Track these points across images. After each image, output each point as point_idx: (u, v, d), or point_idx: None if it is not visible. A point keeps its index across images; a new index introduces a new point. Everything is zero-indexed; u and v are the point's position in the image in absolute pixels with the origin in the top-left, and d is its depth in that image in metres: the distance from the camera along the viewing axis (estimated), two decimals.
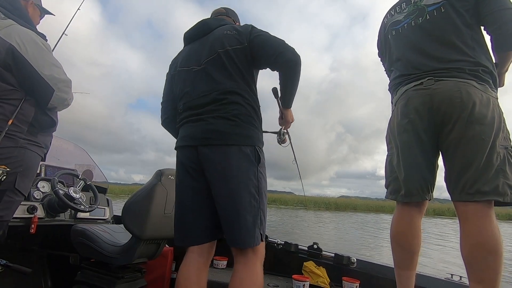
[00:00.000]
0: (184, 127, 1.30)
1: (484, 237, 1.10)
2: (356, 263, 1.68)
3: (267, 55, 1.25)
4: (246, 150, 1.19)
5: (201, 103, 1.25)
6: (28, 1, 1.47)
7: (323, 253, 1.80)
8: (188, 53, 1.39)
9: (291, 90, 1.31)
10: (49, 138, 1.44)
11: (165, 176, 1.67)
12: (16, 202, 1.31)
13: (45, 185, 1.90)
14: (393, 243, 1.36)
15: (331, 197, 55.50)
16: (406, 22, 1.41)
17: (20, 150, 1.27)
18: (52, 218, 1.85)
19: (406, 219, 1.34)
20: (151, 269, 1.95)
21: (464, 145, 1.18)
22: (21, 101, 1.27)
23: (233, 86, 1.25)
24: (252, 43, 1.27)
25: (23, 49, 1.25)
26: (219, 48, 1.28)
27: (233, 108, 1.22)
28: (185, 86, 1.33)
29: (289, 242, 1.88)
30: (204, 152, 1.20)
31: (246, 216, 1.14)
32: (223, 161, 1.18)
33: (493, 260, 1.09)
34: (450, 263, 5.89)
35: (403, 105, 1.32)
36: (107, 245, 1.67)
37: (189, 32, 1.44)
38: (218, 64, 1.27)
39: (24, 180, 1.31)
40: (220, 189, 1.18)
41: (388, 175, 1.44)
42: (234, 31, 1.32)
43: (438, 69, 1.25)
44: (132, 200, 1.63)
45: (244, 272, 1.14)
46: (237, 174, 1.16)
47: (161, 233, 1.72)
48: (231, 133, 1.19)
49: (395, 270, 1.35)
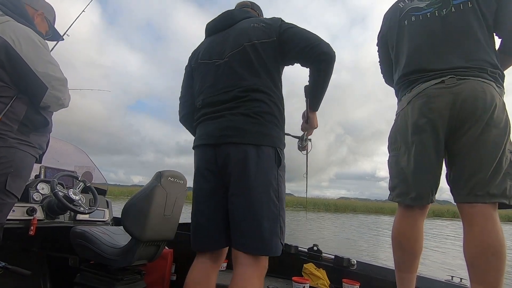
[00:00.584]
0: (202, 125, 1.23)
1: (489, 239, 1.10)
2: (356, 265, 1.68)
3: (299, 48, 1.16)
4: (267, 150, 1.12)
5: (221, 99, 1.18)
6: (37, 10, 1.46)
7: (323, 255, 1.79)
8: (210, 45, 1.31)
9: (322, 88, 1.22)
10: (43, 138, 1.39)
11: (164, 178, 1.66)
12: (8, 204, 1.27)
13: (45, 186, 1.89)
14: (395, 245, 1.34)
15: (331, 199, 55.51)
16: (429, 11, 1.32)
17: (9, 150, 1.22)
18: (52, 220, 1.85)
19: (410, 222, 1.30)
20: (151, 271, 1.95)
21: (479, 147, 1.16)
22: (12, 99, 1.22)
23: (256, 83, 1.17)
24: (282, 36, 1.19)
25: (17, 45, 1.21)
26: (245, 41, 1.20)
27: (255, 105, 1.14)
28: (205, 80, 1.26)
29: (289, 244, 1.87)
30: (222, 151, 1.14)
31: (263, 222, 1.07)
32: (242, 160, 1.10)
33: (497, 262, 1.09)
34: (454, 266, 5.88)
35: (422, 103, 1.24)
36: (107, 247, 1.66)
37: (212, 23, 1.36)
38: (243, 58, 1.19)
39: (16, 181, 1.25)
40: (237, 189, 1.11)
41: (393, 176, 1.37)
42: (262, 24, 1.23)
43: (460, 67, 1.20)
44: (131, 201, 1.63)
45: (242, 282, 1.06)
46: (256, 176, 1.09)
47: (161, 235, 1.72)
48: (251, 131, 1.11)
49: (396, 272, 1.34)
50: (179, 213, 1.83)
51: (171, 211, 1.72)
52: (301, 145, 1.36)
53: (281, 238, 1.11)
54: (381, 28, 1.52)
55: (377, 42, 1.56)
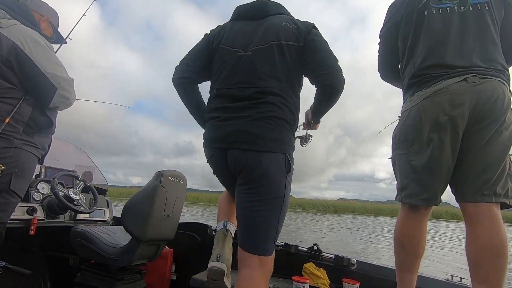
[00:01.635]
0: (215, 125, 1.20)
1: (494, 239, 1.10)
2: (356, 265, 1.68)
3: (312, 67, 1.17)
4: (277, 157, 1.12)
5: (236, 95, 1.16)
6: (43, 16, 1.50)
7: (323, 254, 1.79)
8: (236, 31, 1.25)
9: (323, 111, 1.28)
10: (46, 139, 1.42)
11: (165, 178, 1.66)
12: (12, 204, 1.30)
13: (45, 186, 1.89)
14: (397, 246, 1.32)
15: (330, 200, 55.48)
16: (449, 6, 1.28)
17: (15, 151, 1.25)
18: (52, 220, 1.85)
19: (414, 223, 1.29)
20: (151, 270, 1.95)
21: (491, 148, 1.17)
22: (19, 101, 1.26)
23: (274, 86, 1.14)
24: (307, 44, 1.17)
25: (26, 48, 1.25)
26: (273, 39, 1.17)
27: (269, 109, 1.12)
28: (223, 68, 1.22)
29: (289, 244, 1.87)
30: (233, 156, 1.13)
31: (269, 227, 1.12)
32: (252, 166, 1.11)
33: (500, 262, 1.09)
34: None
35: (445, 100, 1.19)
36: (107, 247, 1.66)
37: (243, 8, 1.30)
38: (267, 56, 1.16)
39: (20, 181, 1.29)
40: (246, 195, 1.14)
41: (403, 176, 1.31)
42: (294, 26, 1.19)
43: (481, 66, 1.20)
44: (132, 201, 1.63)
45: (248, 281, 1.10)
46: (266, 183, 1.11)
47: (161, 234, 1.72)
48: (263, 137, 1.10)
49: (397, 272, 1.34)
50: (179, 213, 1.83)
51: (171, 211, 1.72)
52: (304, 141, 1.44)
53: (275, 241, 1.15)
54: (391, 16, 1.43)
55: (384, 31, 1.47)
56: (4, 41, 1.22)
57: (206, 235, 2.12)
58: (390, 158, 1.42)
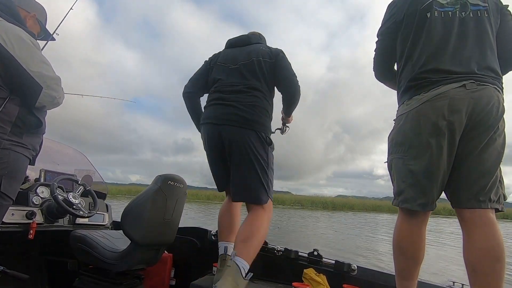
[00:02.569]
0: (213, 107, 1.66)
1: (491, 243, 1.11)
2: (357, 270, 1.67)
3: (278, 79, 1.72)
4: (260, 134, 1.59)
5: (230, 89, 1.65)
6: (30, 13, 1.44)
7: (324, 260, 1.78)
8: (227, 55, 1.80)
9: (289, 110, 1.86)
10: (37, 140, 1.37)
11: (164, 182, 1.66)
12: (4, 207, 1.26)
13: (44, 190, 1.89)
14: (397, 252, 1.31)
15: (328, 197, 55.48)
16: (450, 10, 1.29)
17: (3, 152, 1.20)
18: (51, 224, 1.84)
19: (414, 228, 1.27)
20: (150, 275, 1.94)
21: (486, 154, 1.18)
22: (5, 100, 1.20)
23: (257, 85, 1.65)
24: (276, 62, 1.71)
25: (9, 45, 1.19)
26: (254, 57, 1.70)
27: (254, 100, 1.61)
28: (220, 76, 1.73)
29: (289, 249, 1.86)
30: (226, 131, 1.59)
31: (259, 182, 1.56)
32: (242, 139, 1.56)
33: (498, 266, 1.09)
34: None
35: (444, 105, 1.19)
36: (106, 251, 1.65)
37: (233, 40, 1.86)
38: (250, 67, 1.69)
39: (11, 183, 1.24)
40: (238, 160, 1.58)
41: (400, 180, 1.29)
42: (268, 49, 1.76)
43: (478, 73, 1.21)
44: (131, 205, 1.62)
45: (253, 219, 1.55)
46: (252, 151, 1.56)
47: (160, 239, 1.71)
48: (250, 119, 1.58)
49: (397, 280, 1.32)
50: (179, 217, 1.82)
51: (171, 215, 1.71)
52: (283, 130, 1.97)
53: (268, 192, 1.60)
54: (391, 14, 1.41)
55: (383, 29, 1.45)
56: None
57: (205, 240, 2.11)
58: (386, 162, 1.41)
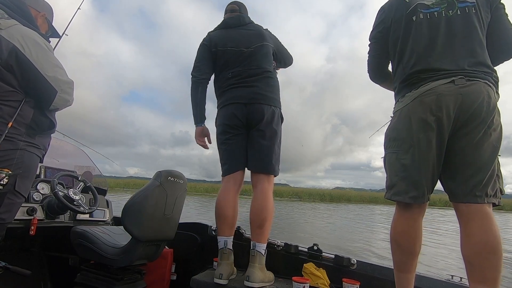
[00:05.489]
0: (235, 90, 1.77)
1: (487, 237, 1.12)
2: (356, 265, 1.68)
3: (279, 60, 1.98)
4: (277, 110, 1.78)
5: (249, 73, 1.78)
6: (40, 12, 1.48)
7: (323, 254, 1.79)
8: (230, 36, 1.85)
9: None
10: (47, 139, 1.43)
11: (164, 178, 1.66)
12: (17, 204, 1.31)
13: (45, 186, 1.89)
14: (394, 245, 1.33)
15: (326, 189, 55.64)
16: (436, 10, 1.32)
17: (19, 153, 1.26)
18: (52, 220, 1.85)
19: (409, 222, 1.30)
20: (151, 270, 1.95)
21: (481, 149, 1.19)
22: (20, 103, 1.26)
23: (269, 68, 1.82)
24: (276, 48, 1.94)
25: (26, 51, 1.24)
26: (265, 41, 1.85)
27: (270, 81, 1.80)
28: (234, 61, 1.80)
29: (289, 244, 1.87)
30: (252, 108, 1.72)
31: (273, 155, 1.73)
32: (266, 114, 1.72)
33: (495, 260, 1.10)
34: None
35: (432, 101, 1.23)
36: (107, 247, 1.66)
37: (231, 21, 1.90)
38: (262, 51, 1.82)
39: (24, 182, 1.30)
40: (260, 133, 1.73)
41: (393, 174, 1.34)
42: (270, 34, 1.92)
43: (468, 69, 1.23)
44: (132, 201, 1.63)
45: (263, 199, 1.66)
46: (272, 126, 1.74)
47: (161, 234, 1.72)
48: (271, 97, 1.76)
49: (395, 273, 1.34)
50: (179, 213, 1.83)
51: (171, 211, 1.72)
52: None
53: (277, 165, 1.77)
54: (380, 20, 1.47)
55: (374, 33, 1.51)
56: (4, 44, 1.21)
57: (206, 235, 2.12)
58: (382, 158, 1.45)
